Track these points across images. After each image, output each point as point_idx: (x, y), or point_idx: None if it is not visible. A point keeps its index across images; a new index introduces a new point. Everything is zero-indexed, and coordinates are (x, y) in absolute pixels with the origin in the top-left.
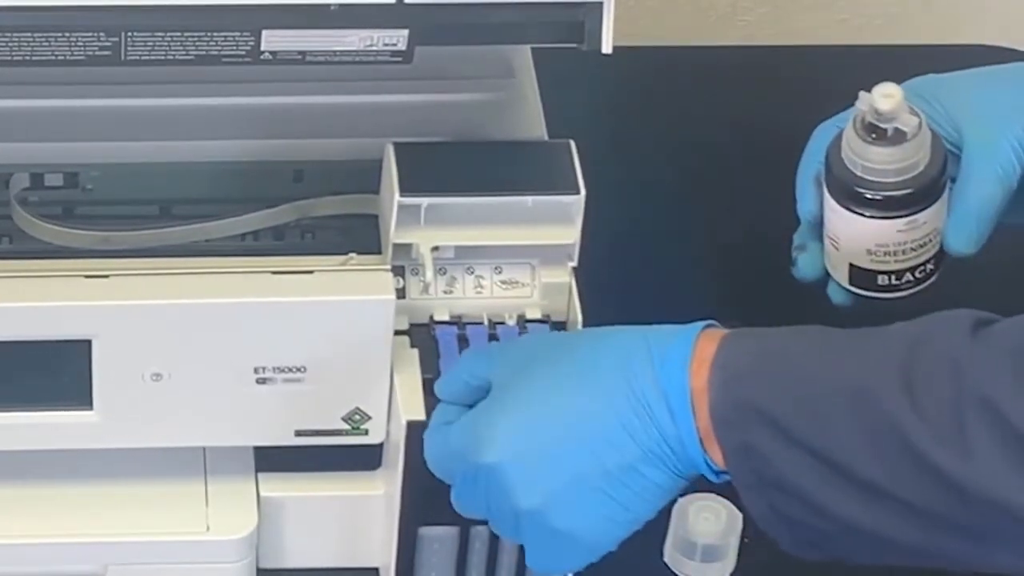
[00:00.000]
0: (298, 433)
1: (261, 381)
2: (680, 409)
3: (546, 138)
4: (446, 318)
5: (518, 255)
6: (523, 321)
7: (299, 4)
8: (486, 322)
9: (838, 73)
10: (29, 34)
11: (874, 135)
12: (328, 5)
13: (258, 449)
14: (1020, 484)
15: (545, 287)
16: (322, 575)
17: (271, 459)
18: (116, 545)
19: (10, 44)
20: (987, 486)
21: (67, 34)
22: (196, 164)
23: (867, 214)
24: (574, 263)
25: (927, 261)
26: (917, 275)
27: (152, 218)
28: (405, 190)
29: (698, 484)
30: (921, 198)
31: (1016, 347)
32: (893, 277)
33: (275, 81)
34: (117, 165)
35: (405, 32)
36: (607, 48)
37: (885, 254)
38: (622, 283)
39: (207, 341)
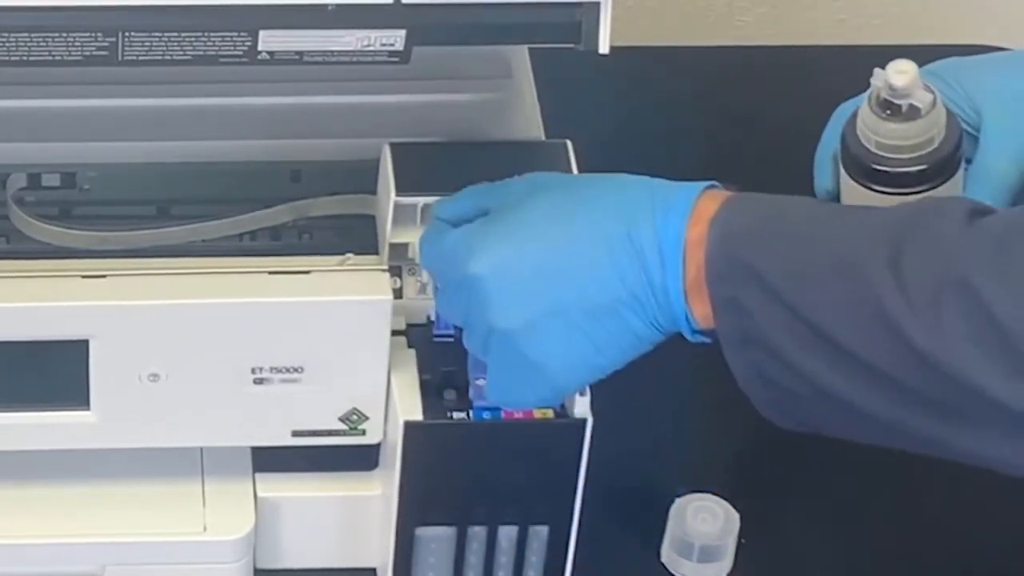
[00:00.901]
0: (295, 433)
1: (258, 381)
2: (671, 259)
3: (543, 138)
4: None
5: None
6: None
7: (296, 4)
8: None
9: (836, 73)
10: (26, 34)
11: (888, 111)
12: (325, 5)
13: (255, 449)
14: (986, 366)
15: None
16: (319, 575)
17: (268, 459)
18: (113, 545)
19: (7, 44)
20: (954, 363)
21: (65, 34)
22: (193, 164)
23: (881, 190)
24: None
25: None
26: None
27: (149, 218)
28: (402, 190)
29: (695, 484)
30: (935, 174)
31: (1001, 234)
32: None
33: (272, 81)
34: (114, 165)
35: (402, 32)
36: (604, 48)
37: None
38: None
39: (204, 341)
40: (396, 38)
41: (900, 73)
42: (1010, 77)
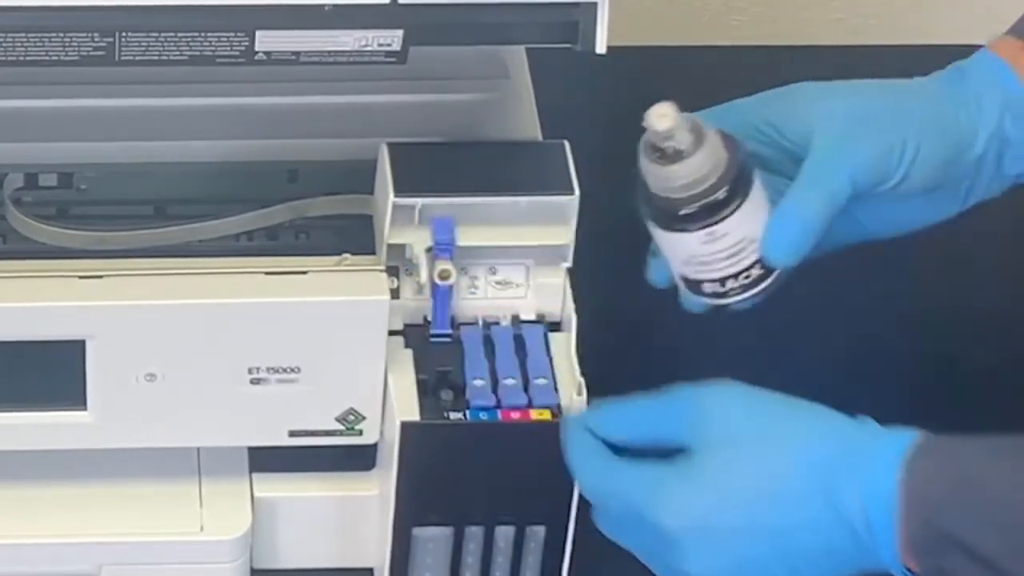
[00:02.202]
0: (292, 433)
1: (255, 381)
2: (880, 525)
3: (540, 139)
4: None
5: (512, 256)
6: (517, 322)
7: (293, 4)
8: (480, 323)
9: (833, 73)
10: (23, 34)
11: (656, 154)
12: (322, 5)
13: (252, 449)
14: None
15: (539, 288)
16: (316, 575)
17: (265, 459)
18: (110, 545)
19: (4, 44)
20: None
21: (62, 34)
22: (190, 164)
23: (664, 229)
24: (568, 264)
25: (749, 267)
26: (742, 281)
27: (146, 218)
28: (399, 190)
29: None
30: (710, 212)
31: None
32: (718, 284)
33: (269, 81)
34: (111, 165)
35: (399, 32)
36: (601, 48)
37: (699, 264)
38: (616, 284)
39: (201, 341)
40: (393, 38)
41: (660, 117)
42: (847, 106)
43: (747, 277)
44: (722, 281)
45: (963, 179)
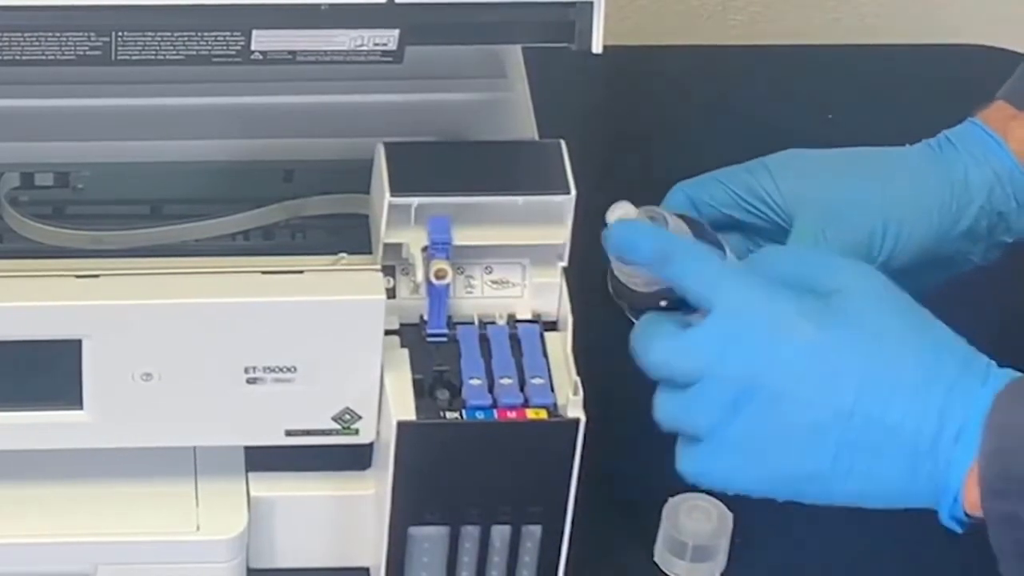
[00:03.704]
0: (288, 433)
1: (251, 381)
2: (960, 462)
3: (537, 138)
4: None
5: (508, 255)
6: (513, 321)
7: (289, 4)
8: (476, 322)
9: (831, 73)
10: (20, 34)
11: None
12: (318, 5)
13: (248, 449)
14: None
15: (535, 287)
16: (312, 575)
17: (261, 459)
18: (106, 545)
19: (0, 44)
20: None
21: (58, 34)
22: (187, 164)
23: (634, 319)
24: (564, 263)
25: None
26: None
27: (143, 218)
28: (396, 190)
29: (688, 483)
30: (680, 305)
31: None
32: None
33: (265, 81)
34: (108, 165)
35: (395, 32)
36: (597, 48)
37: None
38: None
39: (197, 341)
40: (389, 38)
41: (620, 216)
42: (827, 184)
43: None
44: None
45: (953, 251)
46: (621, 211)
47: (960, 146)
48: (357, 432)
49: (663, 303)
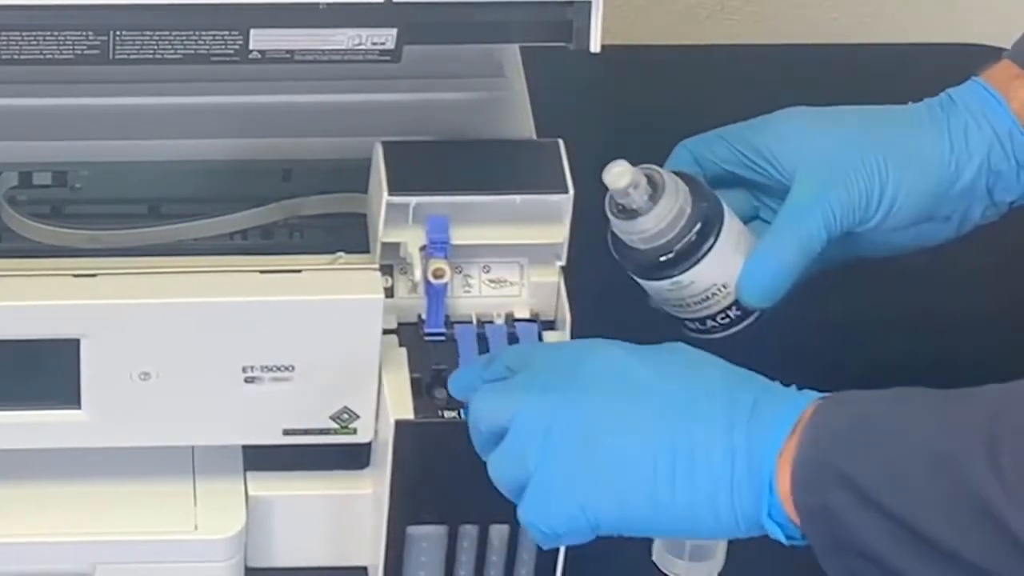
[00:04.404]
0: (286, 432)
1: (249, 380)
2: (760, 477)
3: (535, 137)
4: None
5: (506, 254)
6: (511, 320)
7: (287, 3)
8: (474, 321)
9: (829, 72)
10: (18, 33)
11: (617, 208)
12: (316, 4)
13: (246, 448)
14: None
15: (533, 286)
16: (310, 574)
17: (259, 458)
18: (104, 544)
19: None
20: None
21: (56, 33)
22: (185, 163)
23: (634, 275)
24: (562, 262)
25: (726, 308)
26: (721, 321)
27: (141, 217)
28: (394, 189)
29: None
30: (671, 264)
31: None
32: (698, 323)
33: (264, 80)
34: (106, 164)
35: (393, 31)
36: (595, 47)
37: (675, 306)
38: (610, 282)
39: (195, 340)
40: (387, 37)
41: (615, 175)
42: (826, 139)
43: (725, 318)
44: (701, 320)
45: (953, 209)
46: (618, 169)
47: (961, 104)
48: (355, 431)
49: (663, 258)
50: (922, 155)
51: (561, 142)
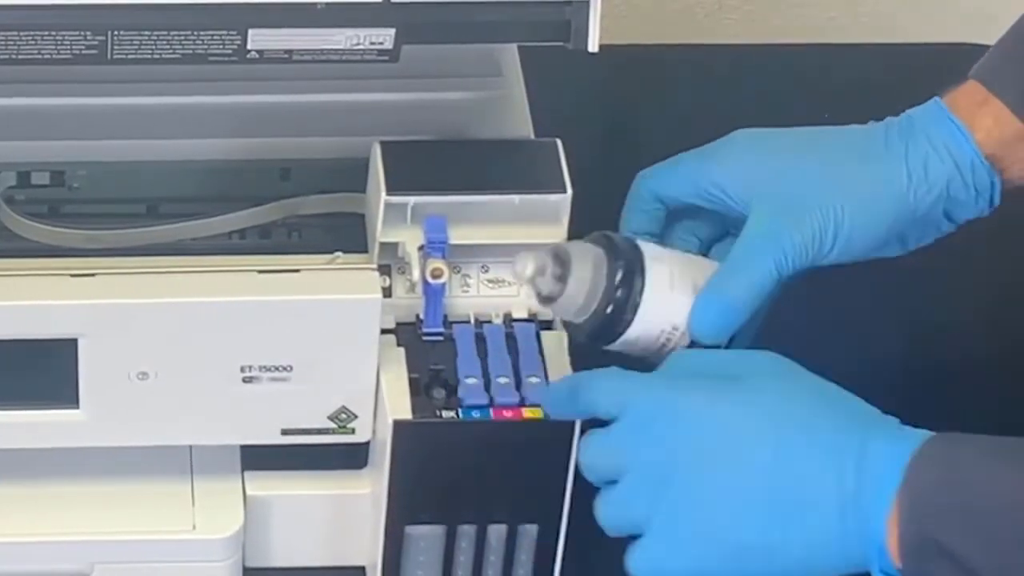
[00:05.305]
0: (284, 432)
1: (248, 380)
2: (877, 521)
3: (533, 137)
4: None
5: (505, 254)
6: (509, 320)
7: (286, 3)
8: (472, 321)
9: (826, 72)
10: (16, 32)
11: (537, 295)
12: (315, 4)
13: (244, 448)
14: None
15: None
16: (309, 574)
17: (258, 458)
18: (103, 544)
19: None
20: None
21: (54, 33)
22: (183, 163)
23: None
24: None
25: (689, 347)
26: None
27: (139, 217)
28: (392, 189)
29: None
30: (609, 329)
31: None
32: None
33: (262, 80)
34: (104, 164)
35: (392, 31)
36: (594, 47)
37: (640, 354)
38: None
39: (194, 340)
40: (385, 37)
41: (522, 267)
42: (781, 174)
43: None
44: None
45: (907, 233)
46: (520, 264)
47: (922, 133)
48: (353, 431)
49: (599, 326)
50: (880, 193)
51: (559, 142)
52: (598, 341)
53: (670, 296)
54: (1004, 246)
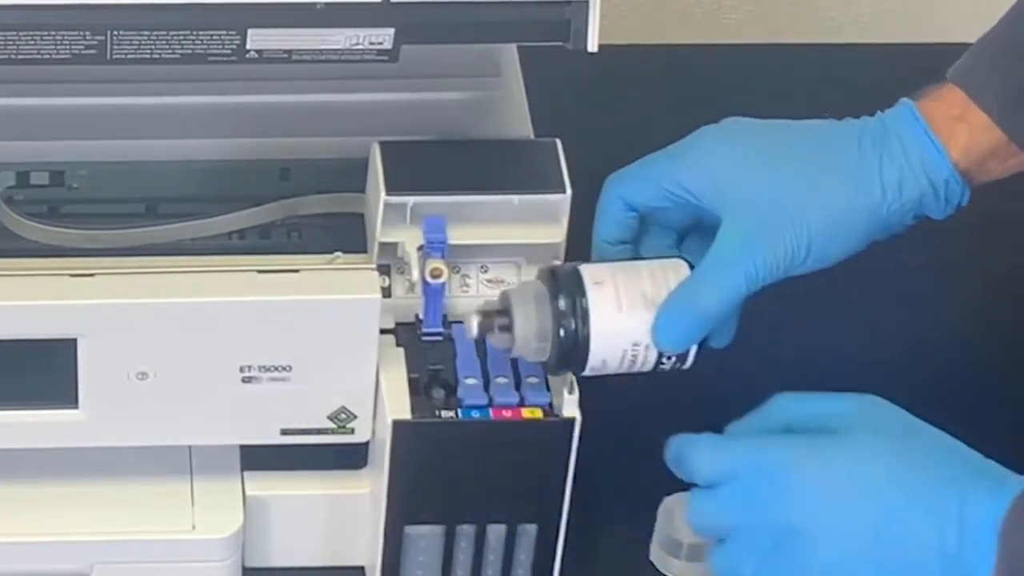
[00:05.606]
0: (284, 432)
1: (247, 380)
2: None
3: (532, 137)
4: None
5: (504, 254)
6: None
7: (285, 3)
8: None
9: (826, 72)
10: (15, 32)
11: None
12: (314, 4)
13: (244, 448)
14: None
15: None
16: (308, 574)
17: (257, 458)
18: (102, 544)
19: None
20: None
21: (53, 33)
22: (182, 163)
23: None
24: (560, 262)
25: (658, 359)
26: (667, 363)
27: (138, 217)
28: (391, 189)
29: (683, 482)
30: (572, 363)
31: None
32: (651, 370)
33: (261, 80)
34: (103, 164)
35: (391, 31)
36: (593, 47)
37: (624, 374)
38: None
39: (193, 340)
40: (385, 37)
41: (468, 328)
42: (754, 183)
43: (668, 358)
44: (649, 375)
45: (876, 239)
46: (468, 323)
47: (896, 143)
48: (353, 431)
49: (560, 362)
50: (854, 207)
51: (558, 142)
52: (568, 372)
53: (618, 317)
54: (1004, 246)
